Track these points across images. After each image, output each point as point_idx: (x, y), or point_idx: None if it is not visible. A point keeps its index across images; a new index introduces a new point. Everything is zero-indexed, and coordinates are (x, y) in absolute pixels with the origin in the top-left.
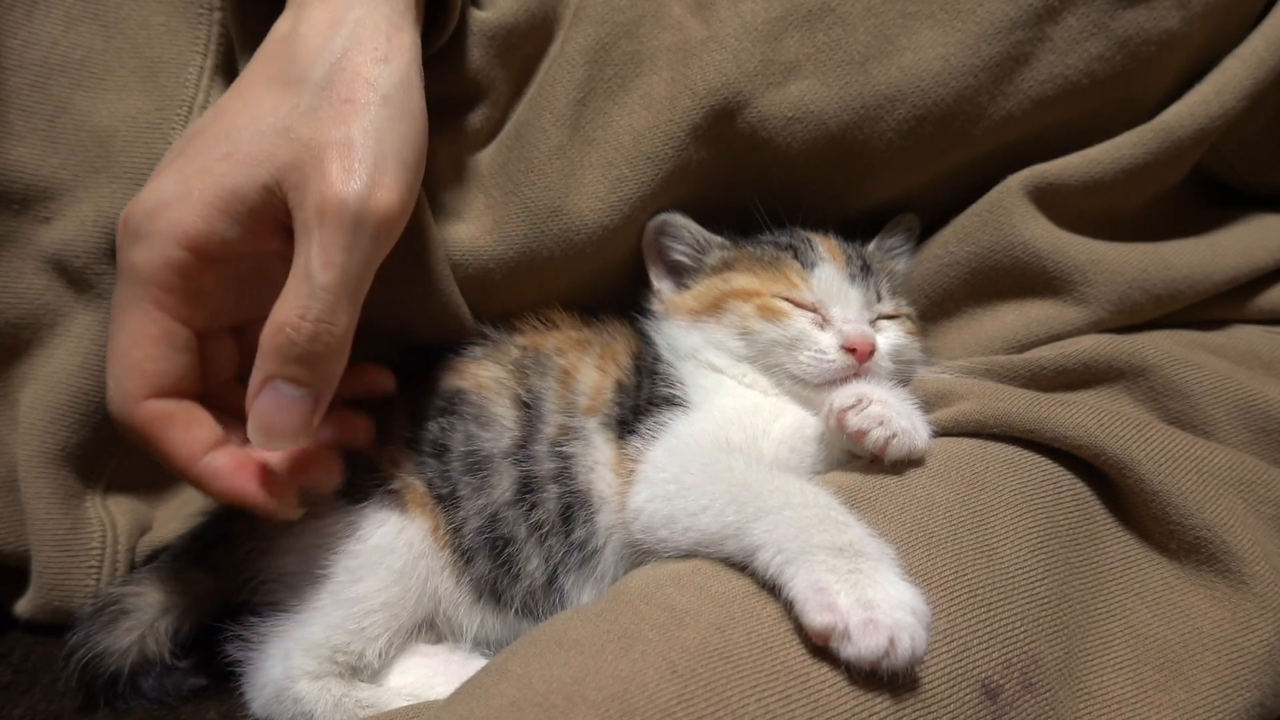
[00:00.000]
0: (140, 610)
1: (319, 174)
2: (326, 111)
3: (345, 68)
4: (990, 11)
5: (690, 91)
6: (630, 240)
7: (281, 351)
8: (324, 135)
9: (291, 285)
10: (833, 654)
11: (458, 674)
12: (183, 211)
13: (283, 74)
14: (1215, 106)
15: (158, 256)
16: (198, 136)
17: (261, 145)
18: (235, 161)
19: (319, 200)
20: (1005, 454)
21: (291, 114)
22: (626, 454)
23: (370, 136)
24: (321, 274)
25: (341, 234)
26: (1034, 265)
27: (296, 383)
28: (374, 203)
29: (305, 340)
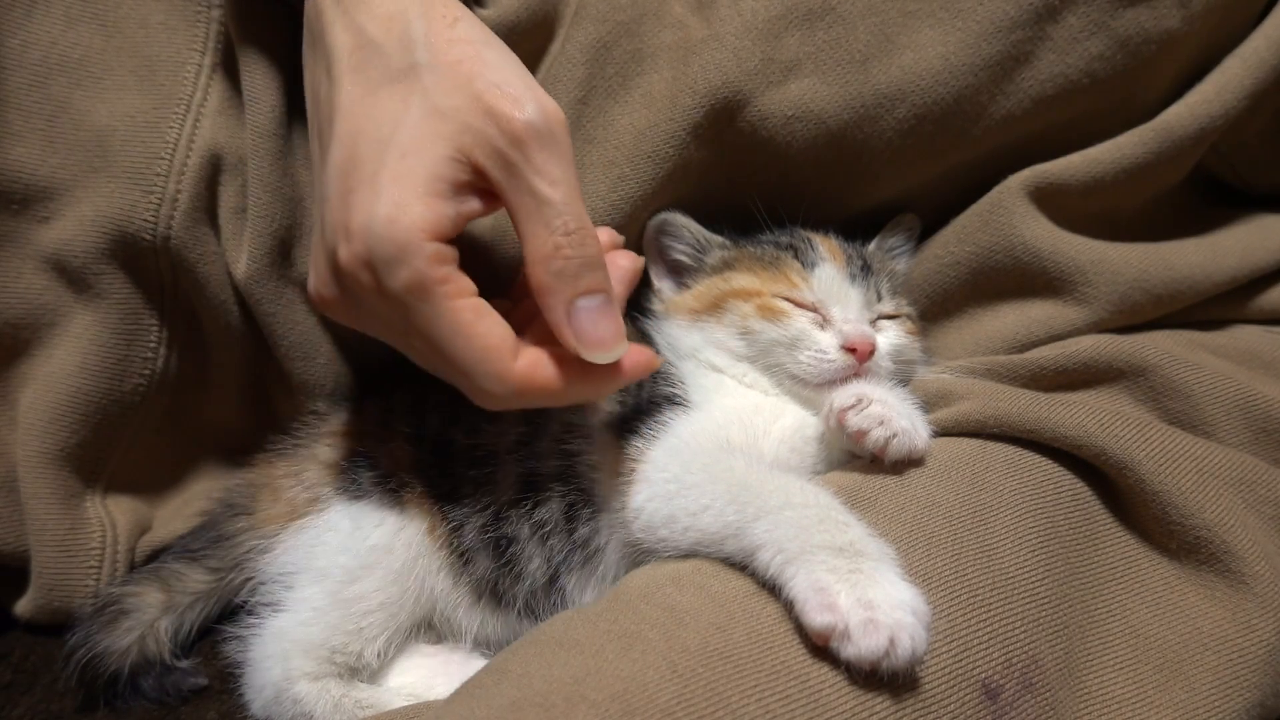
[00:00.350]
0: (140, 610)
1: (492, 119)
2: (452, 76)
3: (434, 41)
4: (990, 11)
5: (691, 90)
6: (630, 240)
7: (564, 273)
8: (469, 91)
9: (533, 221)
10: (833, 654)
11: (458, 674)
12: (409, 215)
13: (385, 75)
14: (1216, 106)
15: (421, 261)
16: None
17: (423, 131)
18: (413, 155)
19: (510, 138)
20: (1005, 454)
21: (426, 97)
22: (627, 453)
23: (501, 71)
24: (554, 191)
25: (546, 152)
26: (1034, 265)
27: (592, 292)
28: (549, 112)
29: (577, 251)
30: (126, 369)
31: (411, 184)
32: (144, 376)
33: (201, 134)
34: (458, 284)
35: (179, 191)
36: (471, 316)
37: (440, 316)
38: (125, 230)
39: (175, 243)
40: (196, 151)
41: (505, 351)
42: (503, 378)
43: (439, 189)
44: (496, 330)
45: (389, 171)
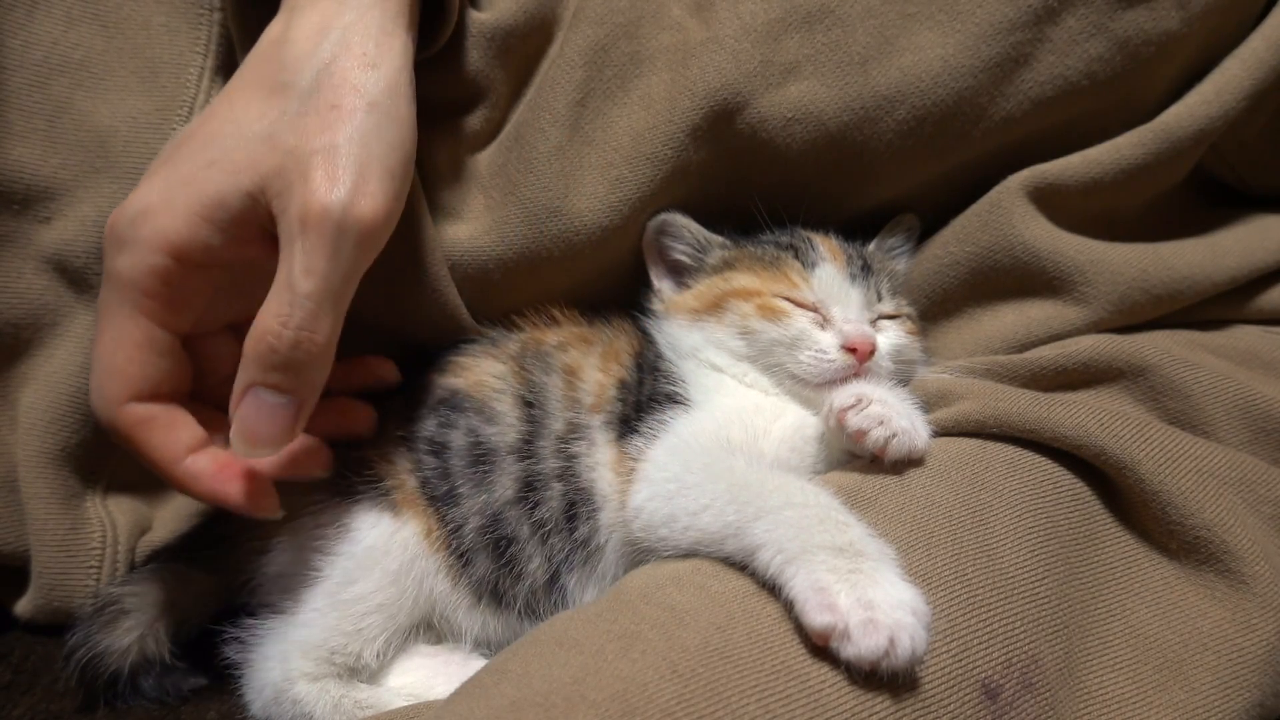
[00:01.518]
0: (140, 610)
1: (303, 182)
2: (312, 118)
3: (333, 73)
4: (990, 13)
5: (690, 92)
6: (630, 240)
7: (263, 359)
8: (309, 143)
9: (274, 293)
10: (833, 654)
11: (457, 674)
12: (166, 219)
13: (270, 79)
14: (1215, 107)
15: (141, 263)
16: (185, 142)
17: (246, 152)
18: (220, 169)
19: (302, 208)
20: (1005, 454)
21: (278, 121)
22: (627, 453)
23: (355, 144)
24: (303, 282)
25: (324, 242)
26: (1034, 265)
27: (278, 390)
28: (357, 211)
29: (286, 348)
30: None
31: (194, 195)
32: None
33: None
34: (159, 306)
35: None
36: (138, 337)
37: (116, 313)
38: None
39: None
40: None
41: (126, 386)
42: (107, 405)
43: (216, 216)
44: (140, 366)
45: (188, 171)
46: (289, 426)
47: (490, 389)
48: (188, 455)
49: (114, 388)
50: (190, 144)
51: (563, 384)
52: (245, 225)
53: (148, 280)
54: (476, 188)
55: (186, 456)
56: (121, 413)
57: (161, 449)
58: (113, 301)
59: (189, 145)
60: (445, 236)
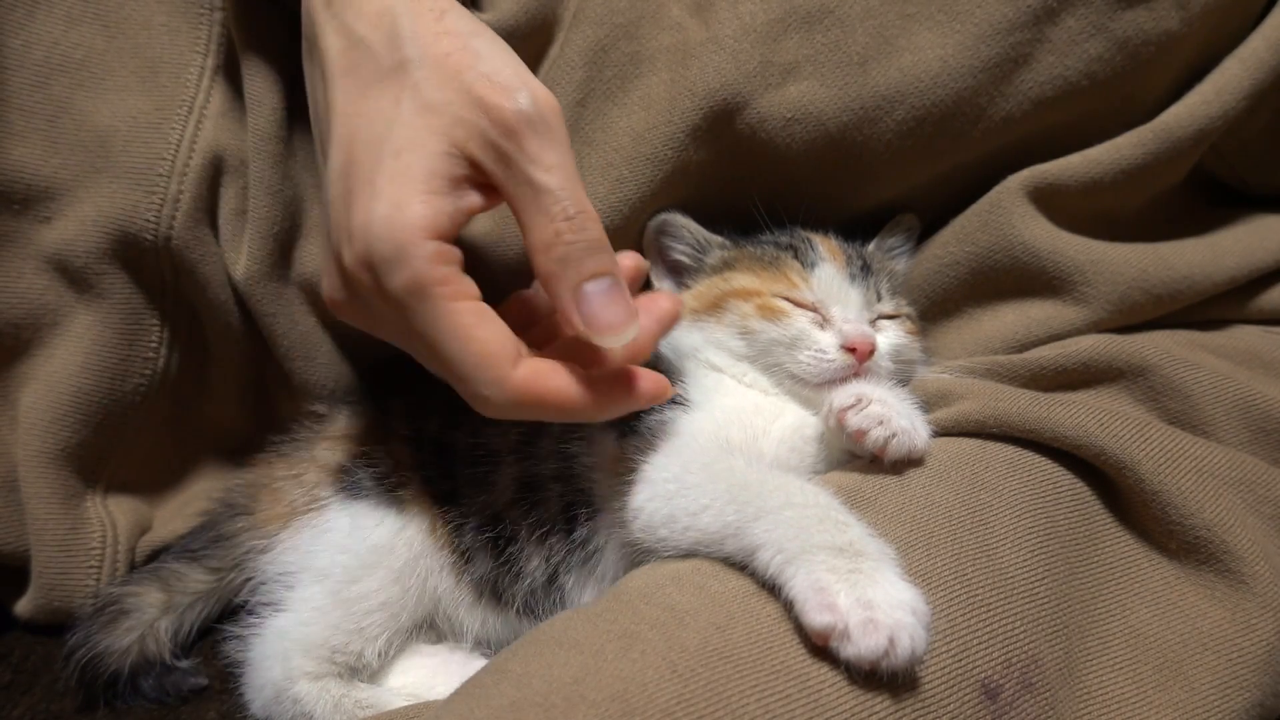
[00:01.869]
0: (140, 610)
1: (483, 111)
2: (441, 70)
3: (422, 35)
4: (989, 13)
5: (689, 92)
6: (630, 241)
7: (568, 259)
8: (459, 84)
9: (532, 211)
10: (833, 654)
11: (458, 674)
12: (406, 214)
13: (376, 74)
14: (1215, 107)
15: (419, 260)
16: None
17: (415, 127)
18: (407, 152)
19: (502, 128)
20: (1005, 454)
21: (416, 93)
22: (627, 453)
23: (490, 61)
24: (549, 178)
25: (539, 139)
26: (1034, 265)
27: (598, 275)
28: (540, 99)
29: (579, 235)
30: (128, 369)
31: (407, 182)
32: (145, 377)
33: (204, 136)
34: (458, 286)
35: (181, 192)
36: (471, 319)
37: (439, 319)
38: (127, 231)
39: (177, 243)
40: (199, 153)
41: (504, 358)
42: (500, 384)
43: (436, 185)
44: (496, 335)
45: (385, 171)
46: (627, 299)
47: None
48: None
49: (493, 370)
50: (360, 164)
51: None
52: (459, 181)
53: (433, 269)
54: None
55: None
56: (516, 382)
57: (565, 386)
58: (428, 315)
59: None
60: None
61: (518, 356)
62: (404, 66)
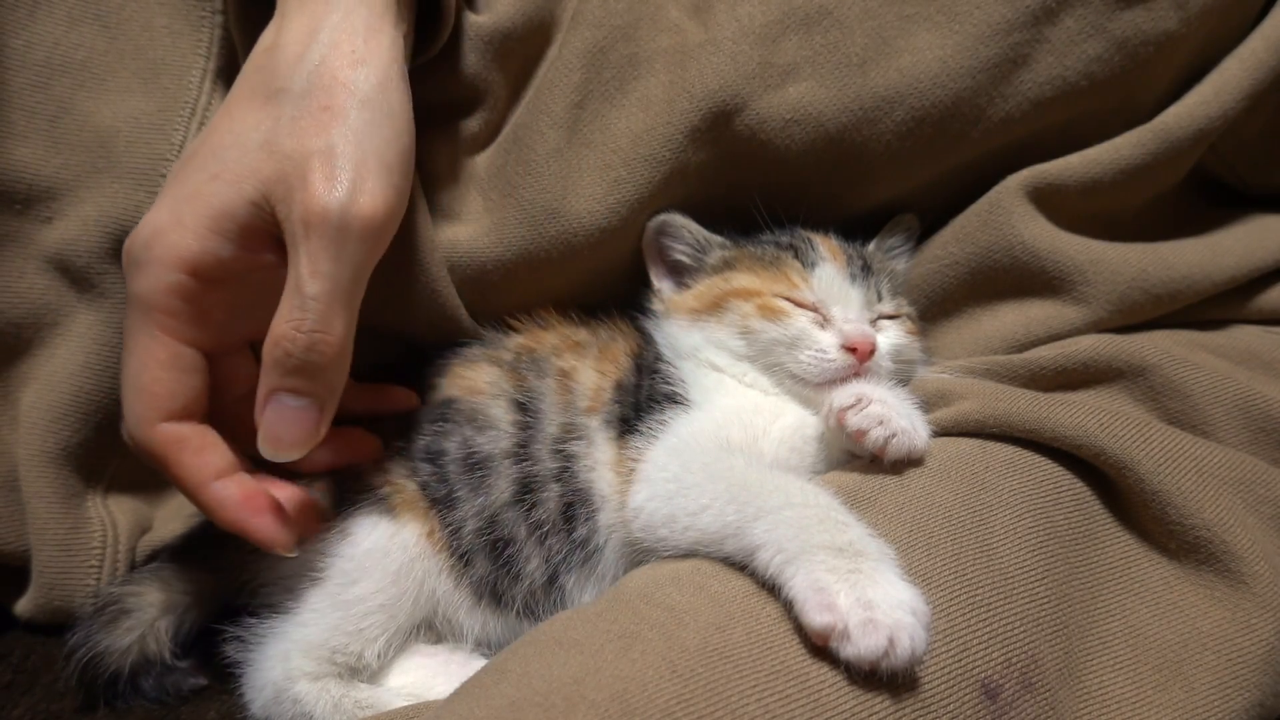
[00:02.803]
0: (141, 610)
1: (302, 185)
2: (307, 121)
3: (323, 74)
4: (987, 14)
5: (688, 94)
6: (628, 241)
7: (280, 364)
8: (305, 145)
9: (285, 298)
10: (832, 654)
11: (457, 674)
12: (177, 236)
13: (264, 88)
14: (1214, 107)
15: (158, 282)
16: (190, 160)
17: (246, 162)
18: (223, 181)
19: (303, 211)
20: (1005, 454)
21: (274, 127)
22: (627, 453)
23: (350, 143)
24: (311, 284)
25: (327, 243)
26: (1033, 265)
27: (299, 393)
28: (358, 209)
29: (302, 351)
30: None
31: (200, 209)
32: None
33: None
34: (179, 324)
35: None
36: (162, 357)
37: (139, 335)
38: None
39: None
40: None
41: (157, 406)
42: (140, 425)
43: (224, 227)
44: (168, 384)
45: (193, 186)
46: (313, 429)
47: (484, 395)
48: (216, 479)
49: (144, 408)
50: (194, 160)
51: (557, 387)
52: (254, 234)
53: (166, 298)
54: (475, 190)
55: (215, 480)
56: (154, 433)
57: (191, 471)
58: (136, 324)
59: (193, 162)
60: (444, 238)
61: (176, 415)
62: (283, 95)
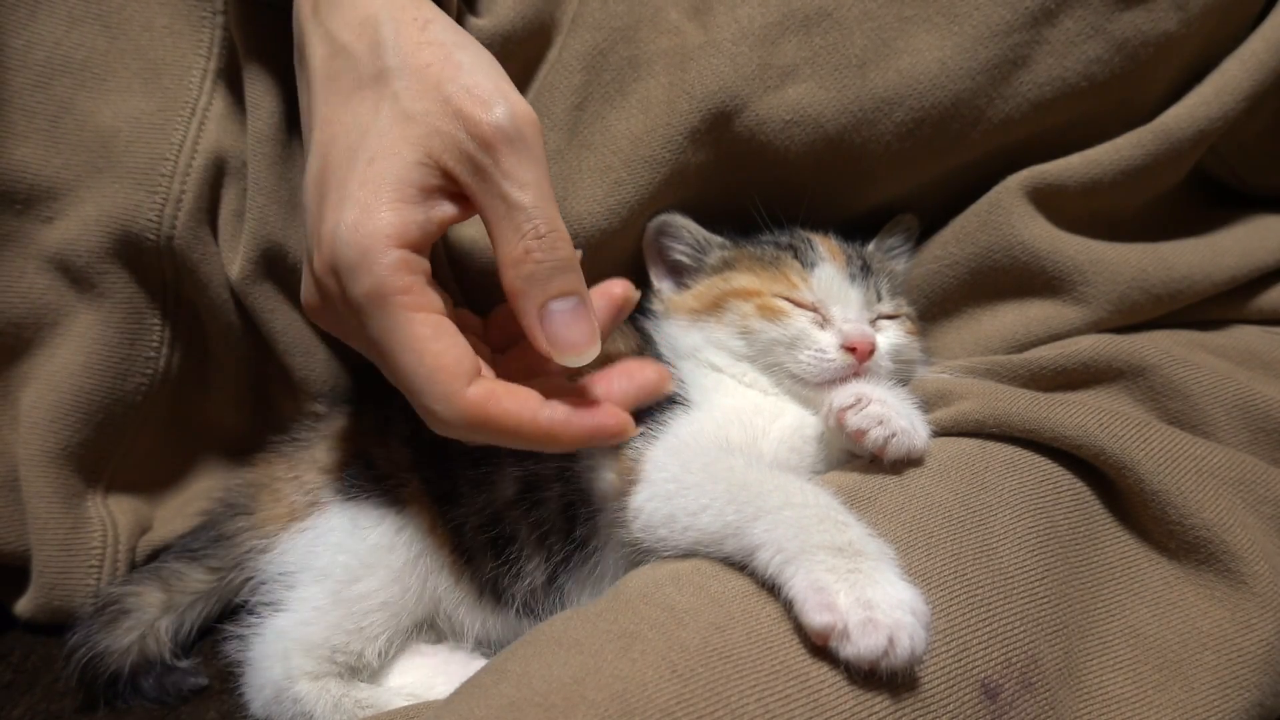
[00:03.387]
0: (141, 610)
1: (460, 123)
2: (421, 80)
3: (404, 46)
4: (987, 15)
5: (688, 95)
6: (628, 242)
7: (534, 277)
8: (438, 96)
9: (502, 226)
10: (832, 654)
11: (457, 674)
12: (374, 220)
13: (357, 82)
14: (1215, 108)
15: (383, 267)
16: (325, 178)
17: (391, 136)
18: (382, 159)
19: (480, 141)
20: (1005, 454)
21: (394, 102)
22: (626, 453)
23: (473, 74)
24: (523, 195)
25: (517, 154)
26: (1033, 265)
27: (565, 294)
28: (519, 113)
29: (549, 253)
30: (129, 368)
31: (378, 189)
32: (146, 376)
33: (206, 137)
34: (420, 297)
35: (183, 193)
36: (428, 331)
37: (396, 328)
38: (129, 230)
39: (178, 243)
40: (201, 154)
41: (457, 375)
42: (450, 401)
43: (407, 194)
44: (452, 350)
45: (357, 177)
46: (592, 322)
47: None
48: (542, 407)
49: (445, 387)
50: (333, 170)
51: None
52: (431, 193)
53: (396, 278)
54: None
55: (542, 409)
56: (468, 401)
57: (518, 412)
58: (385, 325)
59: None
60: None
61: (474, 375)
62: (384, 75)
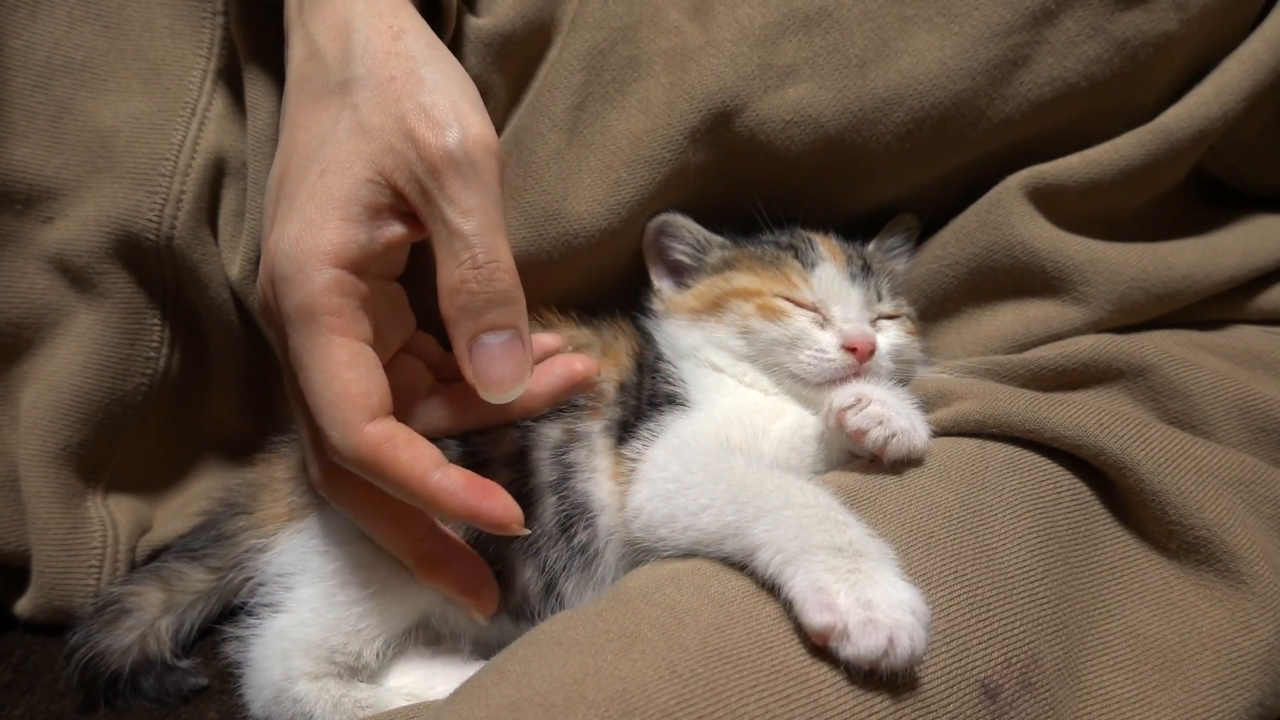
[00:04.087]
0: (141, 609)
1: (413, 143)
2: (382, 94)
3: (374, 53)
4: (987, 15)
5: (688, 96)
6: (629, 243)
7: (468, 308)
8: (395, 112)
9: (445, 251)
10: (832, 654)
11: (457, 674)
12: (315, 236)
13: (324, 88)
14: (1214, 108)
15: (314, 285)
16: (284, 180)
17: (346, 149)
18: (332, 173)
19: (426, 164)
20: (1005, 454)
21: (355, 113)
22: (626, 455)
23: (433, 94)
24: (466, 222)
25: (463, 180)
26: (1033, 265)
27: (498, 328)
28: (474, 138)
29: (484, 286)
30: (129, 368)
31: (324, 205)
32: (146, 376)
33: (206, 137)
34: (347, 320)
35: (183, 193)
36: (344, 358)
37: (314, 348)
38: (129, 230)
39: (178, 243)
40: (201, 154)
41: (361, 408)
42: (346, 432)
43: (352, 212)
44: (362, 383)
45: (307, 189)
46: (524, 358)
47: None
48: (435, 469)
49: (346, 415)
50: (289, 178)
51: None
52: (379, 211)
53: (327, 297)
54: None
55: (435, 470)
56: (363, 437)
57: (411, 465)
58: (306, 340)
59: (288, 180)
60: None
61: (377, 412)
62: (349, 84)
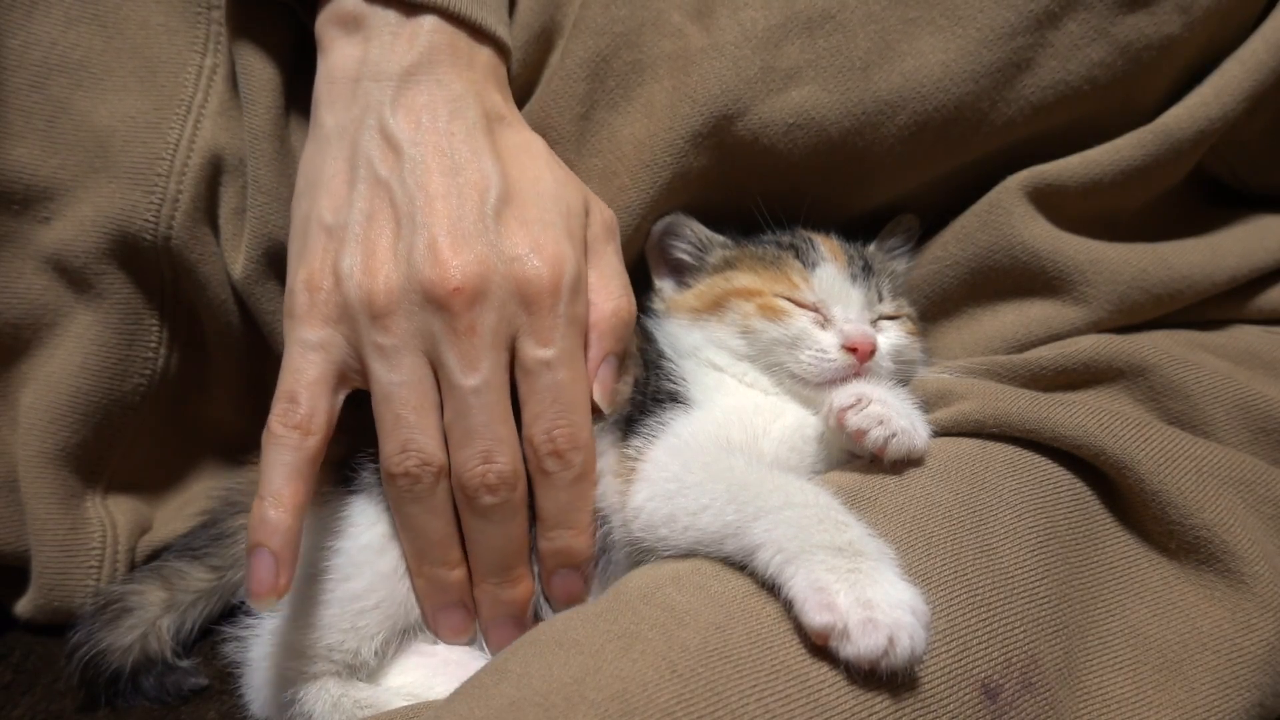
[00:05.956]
0: (142, 608)
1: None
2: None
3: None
4: (991, 18)
5: (690, 99)
6: (632, 247)
7: (616, 331)
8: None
9: (612, 281)
10: (832, 653)
11: (457, 674)
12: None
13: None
14: (1215, 109)
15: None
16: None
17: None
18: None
19: (602, 225)
20: (1005, 454)
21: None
22: (627, 454)
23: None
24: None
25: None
26: (1033, 265)
27: (616, 353)
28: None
29: (627, 319)
30: (127, 369)
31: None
32: (145, 376)
33: (202, 135)
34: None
35: (180, 192)
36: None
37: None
38: (126, 230)
39: (176, 243)
40: (197, 152)
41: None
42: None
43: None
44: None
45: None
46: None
47: None
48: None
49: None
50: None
51: None
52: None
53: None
54: None
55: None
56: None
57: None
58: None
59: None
60: None
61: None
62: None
